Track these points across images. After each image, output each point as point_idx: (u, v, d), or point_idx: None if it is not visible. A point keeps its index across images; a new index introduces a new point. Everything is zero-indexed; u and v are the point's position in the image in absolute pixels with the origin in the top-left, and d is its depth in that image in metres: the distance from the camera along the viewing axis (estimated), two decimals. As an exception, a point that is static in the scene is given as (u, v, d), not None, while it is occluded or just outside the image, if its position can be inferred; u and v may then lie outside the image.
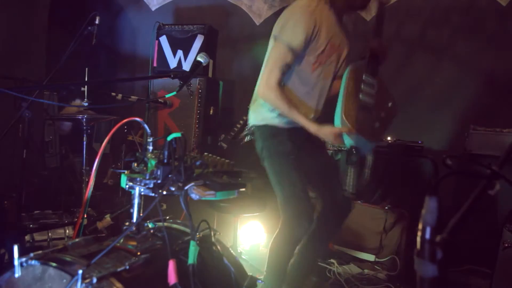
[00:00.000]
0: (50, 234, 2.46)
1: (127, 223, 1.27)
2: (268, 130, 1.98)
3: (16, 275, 1.06)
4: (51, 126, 3.59)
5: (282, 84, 1.88)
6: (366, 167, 1.89)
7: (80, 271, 0.97)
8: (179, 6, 4.55)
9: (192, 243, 1.16)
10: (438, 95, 3.38)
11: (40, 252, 1.11)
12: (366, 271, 2.80)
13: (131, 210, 1.29)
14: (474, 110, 3.26)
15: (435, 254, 0.68)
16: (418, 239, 0.70)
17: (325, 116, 2.13)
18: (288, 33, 1.82)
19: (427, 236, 0.70)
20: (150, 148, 1.32)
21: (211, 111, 3.73)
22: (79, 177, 3.12)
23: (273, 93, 1.85)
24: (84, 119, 2.63)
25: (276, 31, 1.89)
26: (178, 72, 1.92)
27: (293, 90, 1.94)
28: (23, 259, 1.06)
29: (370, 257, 2.94)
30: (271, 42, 1.93)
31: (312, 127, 1.85)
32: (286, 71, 1.88)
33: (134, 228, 1.25)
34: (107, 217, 2.58)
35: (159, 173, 1.21)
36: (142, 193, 1.27)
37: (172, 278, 1.09)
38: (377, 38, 1.90)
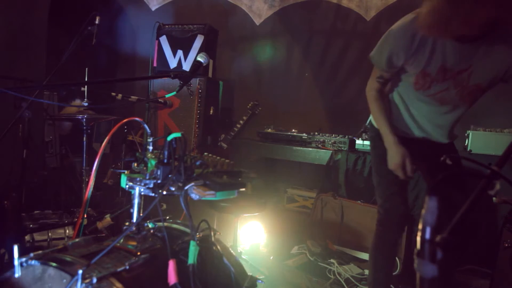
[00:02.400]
0: (50, 234, 2.46)
1: (127, 223, 1.27)
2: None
3: (16, 275, 1.06)
4: (51, 126, 3.59)
5: None
6: None
7: (80, 271, 0.97)
8: (179, 6, 4.56)
9: (192, 243, 1.16)
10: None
11: (40, 252, 1.10)
12: (366, 271, 2.80)
13: (131, 210, 1.29)
14: (474, 110, 3.26)
15: (435, 254, 0.68)
16: (418, 239, 0.70)
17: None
18: None
19: (427, 236, 0.70)
20: (150, 148, 1.32)
21: (211, 111, 3.73)
22: (79, 177, 3.13)
23: None
24: (84, 119, 2.63)
25: None
26: (178, 72, 1.92)
27: None
28: (23, 259, 1.06)
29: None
30: None
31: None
32: None
33: (134, 228, 1.25)
34: (107, 217, 2.58)
35: (159, 173, 1.21)
36: (142, 193, 1.26)
37: (172, 278, 1.09)
38: None
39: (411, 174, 1.82)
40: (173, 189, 1.19)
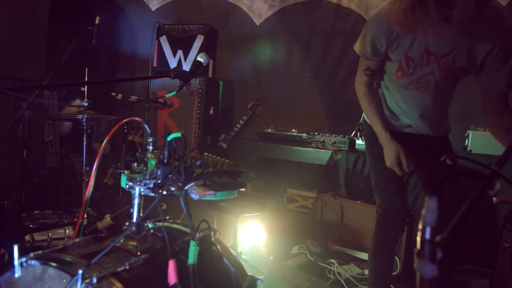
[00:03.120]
0: (50, 234, 2.46)
1: (127, 223, 1.27)
2: None
3: (16, 275, 1.06)
4: (51, 126, 3.59)
5: None
6: None
7: (80, 271, 0.97)
8: (179, 6, 4.56)
9: (192, 243, 1.16)
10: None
11: (40, 252, 1.10)
12: (366, 271, 2.80)
13: (131, 210, 1.29)
14: (474, 110, 3.26)
15: (435, 254, 0.68)
16: (418, 239, 0.70)
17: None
18: None
19: (427, 236, 0.70)
20: (150, 148, 1.32)
21: (211, 111, 3.73)
22: (79, 177, 3.13)
23: None
24: (84, 119, 2.63)
25: None
26: (178, 72, 1.92)
27: None
28: (23, 259, 1.06)
29: (370, 257, 2.94)
30: None
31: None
32: None
33: (134, 228, 1.25)
34: (107, 217, 2.58)
35: (159, 173, 1.21)
36: (142, 193, 1.26)
37: (172, 278, 1.09)
38: None
39: (407, 169, 1.81)
40: (173, 189, 1.19)
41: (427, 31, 1.60)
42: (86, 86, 2.69)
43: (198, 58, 1.72)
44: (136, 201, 1.28)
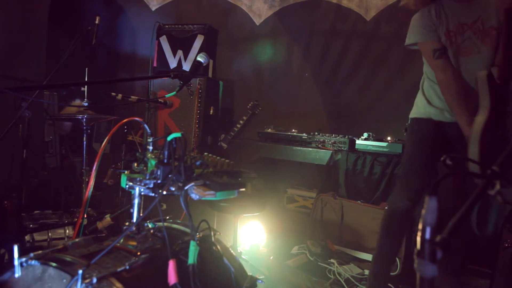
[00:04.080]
0: (50, 234, 2.46)
1: (127, 223, 1.27)
2: None
3: (16, 275, 1.06)
4: (51, 126, 3.59)
5: None
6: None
7: (80, 271, 0.97)
8: (179, 6, 4.56)
9: (192, 243, 1.16)
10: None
11: (40, 252, 1.10)
12: (366, 271, 2.80)
13: (131, 210, 1.29)
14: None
15: (435, 254, 0.68)
16: (418, 239, 0.70)
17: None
18: None
19: (427, 236, 0.70)
20: (150, 148, 1.32)
21: (211, 111, 3.73)
22: (79, 177, 3.13)
23: None
24: (84, 119, 2.63)
25: None
26: (178, 72, 1.92)
27: None
28: (23, 259, 1.06)
29: (370, 257, 2.94)
30: None
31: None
32: None
33: (134, 228, 1.25)
34: (107, 217, 2.58)
35: (159, 173, 1.21)
36: (142, 193, 1.26)
37: (172, 278, 1.09)
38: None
39: None
40: (173, 189, 1.19)
41: (452, 8, 2.07)
42: (86, 86, 2.68)
43: (198, 58, 1.72)
44: (136, 201, 1.28)
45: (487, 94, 1.81)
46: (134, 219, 1.29)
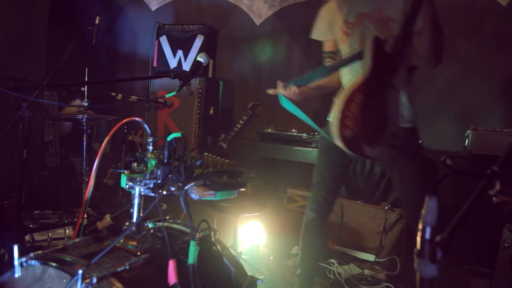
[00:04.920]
0: (50, 234, 2.46)
1: (127, 223, 1.27)
2: None
3: (16, 275, 1.06)
4: (51, 126, 3.59)
5: None
6: None
7: (80, 271, 0.97)
8: (179, 6, 4.56)
9: (192, 243, 1.16)
10: (438, 94, 3.38)
11: (40, 252, 1.10)
12: (366, 271, 2.80)
13: (131, 210, 1.29)
14: (474, 110, 3.27)
15: (435, 254, 0.68)
16: (418, 239, 0.70)
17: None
18: None
19: (427, 236, 0.70)
20: (150, 148, 1.32)
21: (211, 111, 3.73)
22: (79, 177, 3.13)
23: None
24: (84, 119, 2.63)
25: None
26: (178, 72, 1.91)
27: None
28: (23, 259, 1.06)
29: (370, 257, 2.94)
30: None
31: None
32: None
33: (134, 228, 1.25)
34: (107, 217, 2.58)
35: (159, 173, 1.21)
36: (142, 193, 1.26)
37: (172, 278, 1.09)
38: None
39: None
40: (173, 189, 1.19)
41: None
42: (86, 86, 2.69)
43: (198, 58, 1.72)
44: (136, 201, 1.28)
45: (369, 58, 1.63)
46: (134, 219, 1.29)
